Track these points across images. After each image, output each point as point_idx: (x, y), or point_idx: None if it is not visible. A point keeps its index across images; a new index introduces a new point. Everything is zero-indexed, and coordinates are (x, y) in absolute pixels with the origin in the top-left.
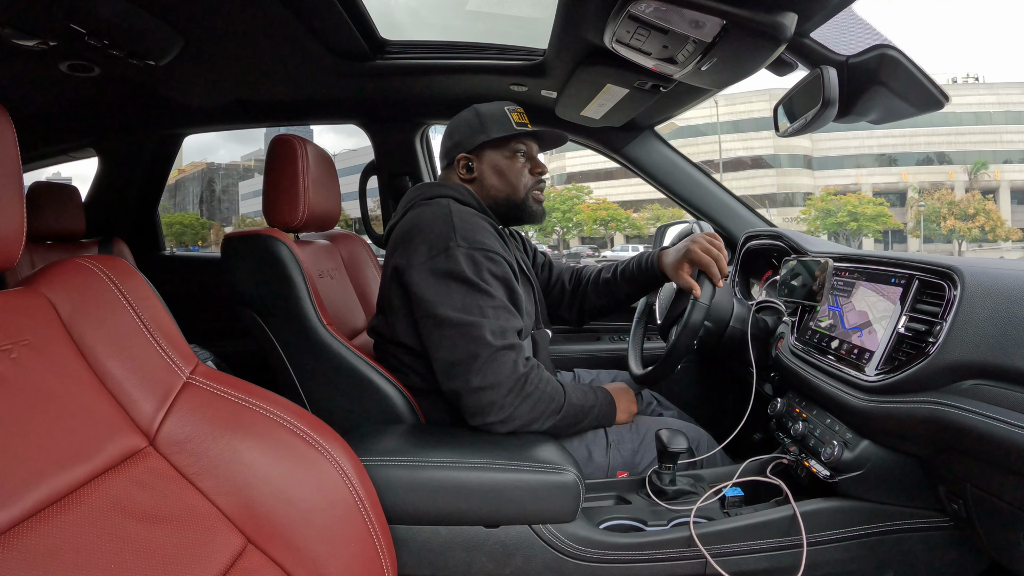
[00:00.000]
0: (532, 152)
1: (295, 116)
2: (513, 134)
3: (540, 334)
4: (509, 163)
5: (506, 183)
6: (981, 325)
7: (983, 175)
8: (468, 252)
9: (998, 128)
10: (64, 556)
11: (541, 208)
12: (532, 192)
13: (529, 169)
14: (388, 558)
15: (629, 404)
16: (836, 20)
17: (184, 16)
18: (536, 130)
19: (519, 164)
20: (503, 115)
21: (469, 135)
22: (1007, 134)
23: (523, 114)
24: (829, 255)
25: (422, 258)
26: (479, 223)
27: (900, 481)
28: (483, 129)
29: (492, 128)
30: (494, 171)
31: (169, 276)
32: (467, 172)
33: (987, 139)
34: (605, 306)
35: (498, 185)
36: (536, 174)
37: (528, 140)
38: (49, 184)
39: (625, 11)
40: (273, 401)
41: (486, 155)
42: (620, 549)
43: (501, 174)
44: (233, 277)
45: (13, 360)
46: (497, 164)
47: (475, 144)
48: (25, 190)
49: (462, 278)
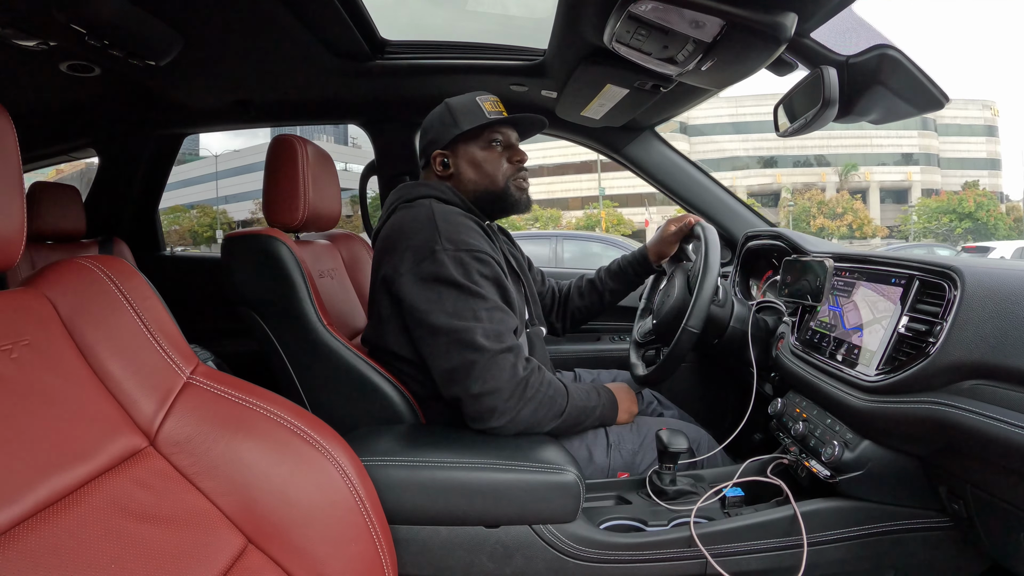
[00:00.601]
0: (509, 140)
1: (295, 116)
2: (487, 123)
3: (534, 331)
4: (485, 154)
5: (484, 175)
6: (981, 325)
7: (854, 176)
8: (455, 255)
9: (869, 132)
10: (64, 556)
11: (526, 196)
12: (513, 181)
13: (508, 158)
14: (388, 558)
15: (630, 404)
16: (836, 20)
17: (184, 16)
18: (511, 117)
19: (496, 154)
20: (475, 105)
21: (442, 130)
22: (877, 138)
23: (497, 102)
24: (829, 255)
25: (409, 265)
26: (463, 222)
27: (900, 481)
28: (455, 122)
29: (463, 120)
30: (470, 164)
31: (169, 276)
32: (443, 169)
33: (860, 142)
34: (588, 307)
35: (476, 178)
36: (515, 162)
37: (505, 128)
38: (49, 184)
39: (625, 11)
40: (273, 401)
41: (461, 149)
42: (620, 549)
43: (478, 166)
44: (233, 277)
45: (13, 360)
46: (473, 157)
47: (449, 139)
48: (25, 190)
49: (451, 282)
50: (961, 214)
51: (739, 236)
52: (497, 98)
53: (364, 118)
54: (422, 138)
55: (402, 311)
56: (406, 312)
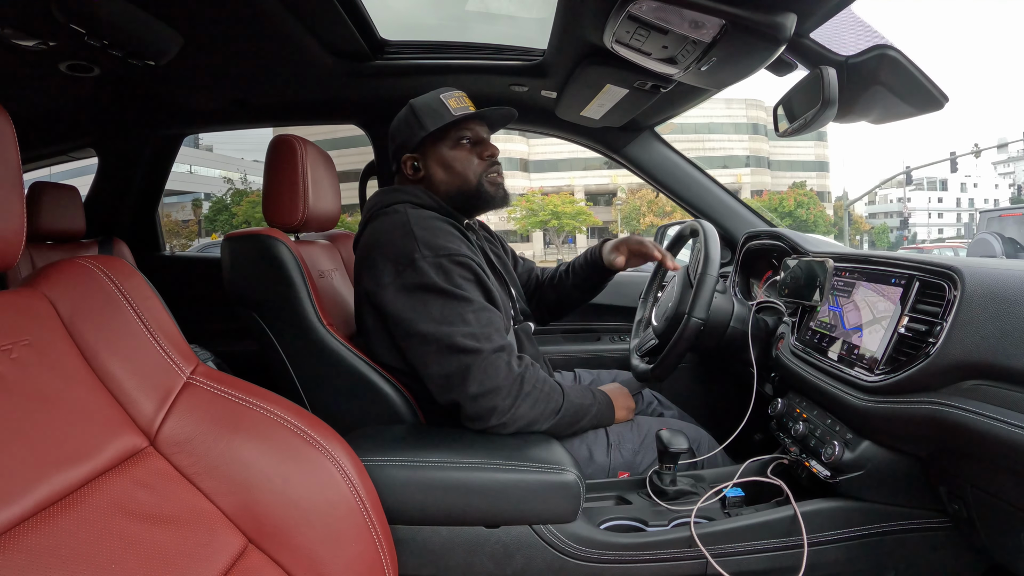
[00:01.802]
0: (479, 135)
1: (295, 117)
2: (453, 121)
3: (523, 328)
4: (455, 153)
5: (454, 175)
6: (981, 326)
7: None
8: (435, 261)
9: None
10: (65, 556)
11: (501, 191)
12: (486, 176)
13: (478, 154)
14: (389, 558)
15: (627, 401)
16: (835, 20)
17: (184, 16)
18: (477, 112)
19: (465, 151)
20: (438, 103)
21: (408, 134)
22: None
23: (463, 97)
24: (829, 255)
25: (390, 277)
26: (440, 227)
27: (901, 481)
28: (420, 124)
29: (428, 121)
30: (440, 165)
31: (169, 276)
32: (414, 172)
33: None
34: (558, 300)
35: (448, 179)
36: (486, 157)
37: (473, 124)
38: (49, 184)
39: (625, 11)
40: (274, 401)
41: (430, 150)
42: (621, 549)
43: (448, 166)
44: (233, 277)
45: (13, 360)
46: (442, 157)
47: (416, 141)
48: (25, 190)
49: (435, 289)
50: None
51: (739, 236)
52: (463, 93)
53: (363, 118)
54: (390, 143)
55: (387, 324)
56: (392, 324)
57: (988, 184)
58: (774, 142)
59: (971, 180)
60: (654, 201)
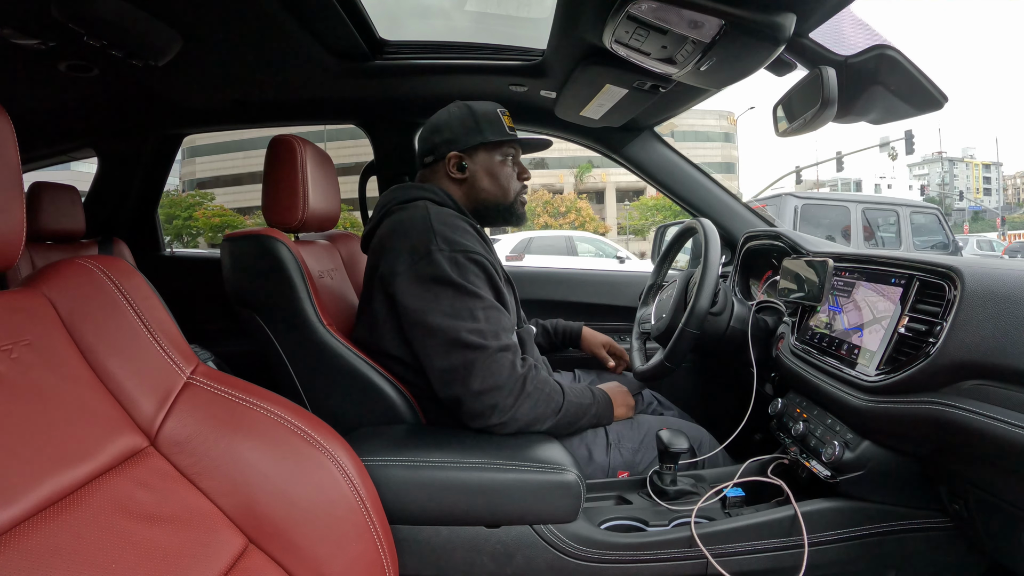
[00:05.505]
0: (519, 157)
1: (294, 117)
2: (511, 140)
3: (525, 330)
4: (501, 167)
5: (498, 186)
6: (981, 325)
7: (589, 178)
8: (450, 255)
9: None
10: (65, 556)
11: (524, 212)
12: (520, 197)
13: (517, 174)
14: (389, 558)
15: (626, 399)
16: (835, 20)
17: (183, 16)
18: (528, 138)
19: (509, 168)
20: (497, 118)
21: (463, 134)
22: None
23: (510, 117)
24: (829, 255)
25: (405, 266)
26: (458, 224)
27: (901, 481)
28: (479, 130)
29: (488, 130)
30: (487, 173)
31: (169, 276)
32: (459, 171)
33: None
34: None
35: (490, 188)
36: (522, 179)
37: (516, 145)
38: (49, 184)
39: (624, 11)
40: (274, 401)
41: (481, 156)
42: (621, 549)
43: (494, 177)
44: (233, 277)
45: (13, 360)
46: (490, 167)
47: (470, 144)
48: (25, 190)
49: (448, 282)
50: (676, 210)
51: (739, 236)
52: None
53: (363, 118)
54: (434, 134)
55: (397, 311)
56: (401, 313)
57: (903, 185)
58: (683, 143)
59: (885, 181)
60: (550, 202)
